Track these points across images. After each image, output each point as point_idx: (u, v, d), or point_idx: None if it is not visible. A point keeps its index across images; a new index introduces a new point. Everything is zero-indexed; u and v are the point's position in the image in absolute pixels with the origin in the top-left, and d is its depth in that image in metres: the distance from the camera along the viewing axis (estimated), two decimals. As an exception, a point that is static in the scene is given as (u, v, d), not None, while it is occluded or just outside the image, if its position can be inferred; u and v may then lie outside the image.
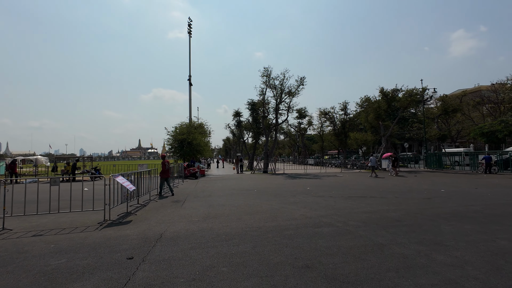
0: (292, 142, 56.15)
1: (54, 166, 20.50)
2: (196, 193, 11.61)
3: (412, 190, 11.19)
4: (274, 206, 8.12)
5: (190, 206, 8.52)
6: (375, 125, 33.81)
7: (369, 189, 11.88)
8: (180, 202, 9.35)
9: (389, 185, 13.31)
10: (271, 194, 10.78)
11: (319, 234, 5.22)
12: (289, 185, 14.01)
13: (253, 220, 6.46)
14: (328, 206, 7.97)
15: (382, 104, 28.22)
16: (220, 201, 9.24)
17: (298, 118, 46.06)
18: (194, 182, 16.57)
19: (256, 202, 8.88)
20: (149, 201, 9.51)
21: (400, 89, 28.01)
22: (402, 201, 8.65)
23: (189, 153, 22.83)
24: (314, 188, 12.49)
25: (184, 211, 7.66)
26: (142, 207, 8.53)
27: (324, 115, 35.64)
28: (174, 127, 23.43)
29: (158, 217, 6.94)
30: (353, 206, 7.90)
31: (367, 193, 10.52)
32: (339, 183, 14.64)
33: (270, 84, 25.40)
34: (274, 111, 27.06)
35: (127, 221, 6.61)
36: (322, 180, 16.56)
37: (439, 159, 26.24)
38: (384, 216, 6.62)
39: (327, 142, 44.46)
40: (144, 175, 10.68)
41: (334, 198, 9.52)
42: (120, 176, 7.05)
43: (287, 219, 6.44)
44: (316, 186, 13.30)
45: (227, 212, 7.46)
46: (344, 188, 12.37)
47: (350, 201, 8.87)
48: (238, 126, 35.29)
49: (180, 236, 5.26)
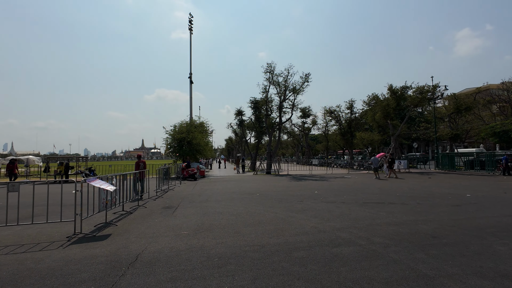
0: (296, 142, 54.90)
1: (46, 166, 19.54)
2: (192, 197, 10.48)
3: (433, 195, 9.95)
4: (280, 215, 6.96)
5: (182, 214, 7.38)
6: (383, 124, 32.50)
7: (384, 193, 10.66)
8: (172, 208, 8.22)
9: (405, 188, 12.07)
10: (275, 199, 9.61)
11: (339, 257, 4.05)
12: (294, 188, 12.83)
13: (255, 234, 5.31)
14: (343, 215, 6.78)
15: (391, 102, 26.90)
16: (218, 208, 8.10)
17: (302, 117, 44.92)
18: (192, 184, 15.46)
19: (258, 209, 7.72)
20: (137, 207, 8.39)
21: (410, 86, 26.69)
22: (428, 209, 7.44)
23: (189, 153, 21.74)
24: (323, 191, 11.30)
25: (173, 221, 6.53)
26: (127, 214, 7.41)
27: (330, 113, 34.35)
28: (172, 126, 22.36)
29: (141, 229, 5.82)
30: (372, 216, 6.71)
31: (384, 199, 9.31)
32: (349, 185, 13.43)
33: (274, 81, 24.24)
34: (277, 109, 25.89)
35: (102, 235, 5.49)
36: (329, 182, 15.35)
37: (452, 159, 24.89)
38: (414, 230, 5.42)
39: (332, 142, 43.15)
40: (132, 177, 9.57)
41: (347, 204, 8.33)
42: (97, 179, 5.93)
43: (296, 234, 5.28)
44: (324, 189, 12.10)
45: (224, 222, 6.31)
46: (356, 192, 11.16)
47: (367, 208, 7.67)
48: (240, 125, 34.19)
49: (160, 258, 4.12)
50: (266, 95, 25.70)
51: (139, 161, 11.23)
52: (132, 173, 9.43)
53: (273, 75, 23.93)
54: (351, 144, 34.26)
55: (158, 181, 12.25)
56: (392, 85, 27.50)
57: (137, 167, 11.02)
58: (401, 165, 24.16)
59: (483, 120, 36.97)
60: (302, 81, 24.01)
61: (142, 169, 10.80)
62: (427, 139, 58.89)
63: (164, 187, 13.20)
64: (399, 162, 24.30)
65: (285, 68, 23.43)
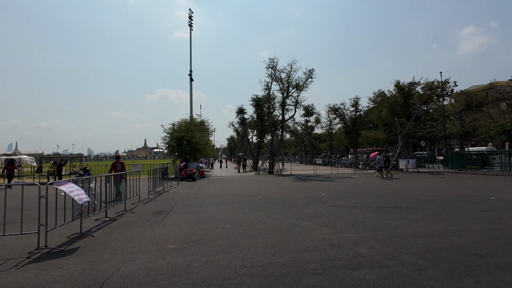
0: (299, 141, 53.91)
1: (39, 166, 18.73)
2: (187, 200, 9.57)
3: (454, 198, 8.95)
4: (284, 223, 6.02)
5: (172, 221, 6.47)
6: (389, 122, 31.38)
7: (398, 195, 9.68)
8: (162, 214, 7.32)
9: (420, 190, 11.07)
10: (279, 202, 8.67)
11: (363, 285, 3.11)
12: (299, 189, 11.88)
13: (254, 249, 4.38)
14: (358, 224, 5.83)
15: (398, 98, 25.82)
16: (213, 214, 7.18)
17: (305, 115, 43.92)
18: (190, 185, 14.56)
19: (260, 216, 6.79)
20: (123, 213, 7.49)
21: (418, 83, 25.59)
22: (455, 216, 6.46)
23: (188, 152, 20.85)
24: (330, 193, 10.34)
25: (160, 231, 5.61)
26: (110, 221, 6.52)
27: (334, 111, 33.26)
28: (171, 124, 21.44)
29: (119, 241, 4.91)
30: (392, 224, 5.75)
31: (400, 202, 8.33)
32: (357, 186, 12.45)
33: (276, 77, 23.23)
34: (280, 106, 24.91)
35: (72, 248, 4.59)
36: (336, 183, 14.38)
37: (462, 158, 23.79)
38: (449, 244, 4.46)
39: (336, 140, 42.10)
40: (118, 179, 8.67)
41: (360, 209, 7.37)
42: (69, 183, 5.03)
43: (305, 248, 4.34)
44: (331, 191, 11.14)
45: (219, 232, 5.38)
46: (367, 194, 10.19)
47: (384, 214, 6.71)
48: (242, 124, 33.19)
49: (132, 286, 3.21)
50: (268, 92, 24.71)
51: (117, 162, 10.19)
52: (116, 174, 8.54)
53: (275, 71, 22.95)
54: (356, 143, 33.18)
55: (152, 182, 11.37)
56: (399, 81, 26.42)
57: (113, 168, 10.01)
58: (409, 164, 23.10)
59: (491, 117, 35.78)
60: (306, 77, 23.00)
61: (120, 170, 9.83)
62: (433, 137, 57.69)
63: (159, 188, 12.33)
64: (407, 162, 23.24)
65: (288, 63, 22.43)
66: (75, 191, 4.88)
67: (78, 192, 4.89)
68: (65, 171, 19.27)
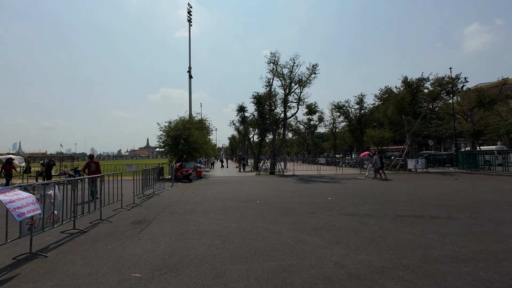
0: (301, 140, 52.72)
1: (27, 167, 17.79)
2: (176, 205, 8.50)
3: (481, 204, 7.79)
4: (285, 238, 4.93)
5: (151, 234, 5.40)
6: (395, 120, 30.13)
7: (415, 200, 8.54)
8: (143, 223, 6.26)
9: (437, 193, 9.92)
10: (280, 209, 7.57)
11: None
12: (302, 192, 10.77)
13: (245, 283, 3.28)
14: (376, 239, 4.72)
15: (406, 95, 24.60)
16: (202, 224, 6.10)
17: (308, 114, 42.74)
18: (185, 187, 13.50)
19: (256, 227, 5.70)
20: (99, 222, 6.44)
21: (427, 79, 24.35)
22: (493, 229, 5.31)
23: (186, 152, 19.81)
24: (338, 198, 9.22)
25: (132, 249, 4.54)
26: (78, 234, 5.46)
27: (338, 109, 32.04)
28: (167, 122, 20.35)
29: (74, 267, 3.84)
30: (419, 241, 4.63)
31: (420, 209, 7.20)
32: (366, 189, 11.32)
33: (278, 72, 22.11)
34: (282, 103, 23.78)
35: (4, 279, 3.53)
36: (342, 185, 13.25)
37: (474, 158, 22.56)
38: (506, 273, 3.35)
39: (339, 139, 40.87)
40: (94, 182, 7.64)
41: (375, 218, 6.25)
42: (13, 190, 3.97)
43: (313, 281, 3.25)
44: (338, 194, 10.02)
45: (204, 252, 4.30)
46: (379, 198, 9.05)
47: (405, 226, 5.59)
48: (242, 122, 32.02)
49: None
50: (269, 88, 23.57)
51: (91, 162, 9.50)
52: (91, 176, 7.50)
53: (277, 66, 21.82)
54: (361, 142, 31.98)
55: (141, 184, 10.33)
56: (407, 77, 25.20)
57: (87, 168, 9.38)
58: (418, 164, 21.88)
59: (501, 115, 34.44)
60: (309, 72, 21.88)
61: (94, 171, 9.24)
62: (439, 136, 56.23)
63: (149, 191, 11.29)
64: (416, 161, 22.03)
65: (291, 58, 21.28)
66: (18, 202, 3.82)
67: (21, 203, 3.83)
68: (55, 171, 18.31)
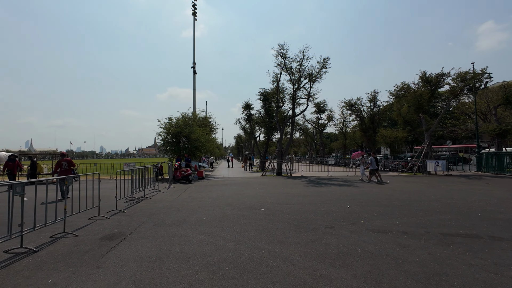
0: (309, 140, 51.04)
1: (18, 165, 16.72)
2: (166, 213, 7.12)
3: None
4: (300, 272, 3.46)
5: (117, 259, 4.01)
6: (410, 119, 28.29)
7: (452, 210, 6.95)
8: (115, 239, 4.89)
9: (476, 201, 8.28)
10: (290, 221, 6.11)
11: None
12: (315, 198, 9.27)
13: None
14: (435, 281, 3.22)
15: (425, 92, 22.78)
16: (190, 243, 4.68)
17: (316, 112, 41.05)
18: (182, 189, 12.16)
19: (259, 250, 4.25)
20: (62, 236, 5.11)
21: (448, 74, 22.50)
22: None
23: (186, 150, 18.53)
24: (358, 206, 7.70)
25: (79, 285, 3.17)
26: (26, 255, 4.12)
27: (350, 106, 30.29)
28: (167, 118, 19.03)
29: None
30: (502, 283, 3.13)
31: (468, 224, 5.63)
32: (389, 195, 9.74)
33: (286, 66, 20.60)
34: (290, 99, 22.26)
35: None
36: (359, 189, 11.70)
37: (500, 160, 20.63)
38: None
39: (349, 139, 39.06)
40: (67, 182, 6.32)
41: (417, 238, 4.73)
42: None
43: None
44: (358, 201, 8.49)
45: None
46: (409, 207, 7.49)
47: (464, 253, 4.07)
48: (248, 120, 30.51)
49: None
50: (277, 84, 22.04)
51: (62, 160, 8.81)
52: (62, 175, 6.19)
53: (285, 59, 20.32)
54: (374, 142, 30.18)
55: (130, 185, 9.03)
56: (425, 72, 23.38)
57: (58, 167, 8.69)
58: (438, 166, 20.07)
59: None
60: (320, 66, 20.30)
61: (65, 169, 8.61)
62: (454, 137, 53.69)
63: (140, 194, 9.97)
64: (436, 163, 20.22)
65: (300, 50, 19.72)
66: None
67: None
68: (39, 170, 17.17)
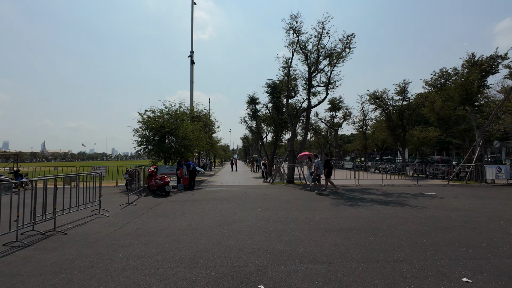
0: (323, 141, 46.31)
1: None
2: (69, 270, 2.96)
3: None
4: None
5: None
6: (445, 115, 23.36)
7: None
8: None
9: None
10: None
11: None
12: (356, 235, 4.92)
13: None
14: None
15: (475, 77, 18.05)
16: None
17: (331, 110, 36.47)
18: (145, 208, 8.01)
19: None
20: None
21: (505, 56, 17.78)
22: None
23: (174, 151, 14.43)
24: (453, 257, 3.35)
25: None
26: None
27: (375, 99, 25.55)
28: (149, 110, 14.68)
29: None
30: None
31: None
32: (486, 223, 5.30)
33: (300, 45, 16.30)
34: (304, 88, 17.90)
35: None
36: (422, 211, 7.26)
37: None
38: None
39: (370, 139, 34.23)
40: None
41: None
42: None
43: None
44: (448, 243, 4.10)
45: None
46: None
47: None
48: (253, 117, 25.89)
49: None
50: (288, 71, 17.66)
51: None
52: None
53: (299, 35, 16.05)
54: (404, 142, 25.41)
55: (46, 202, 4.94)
56: (474, 54, 18.70)
57: None
58: (501, 172, 15.30)
59: None
60: (343, 46, 15.94)
61: None
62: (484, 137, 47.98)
63: (62, 218, 5.82)
64: (498, 169, 15.46)
65: (318, 21, 15.30)
66: None
67: None
68: None
